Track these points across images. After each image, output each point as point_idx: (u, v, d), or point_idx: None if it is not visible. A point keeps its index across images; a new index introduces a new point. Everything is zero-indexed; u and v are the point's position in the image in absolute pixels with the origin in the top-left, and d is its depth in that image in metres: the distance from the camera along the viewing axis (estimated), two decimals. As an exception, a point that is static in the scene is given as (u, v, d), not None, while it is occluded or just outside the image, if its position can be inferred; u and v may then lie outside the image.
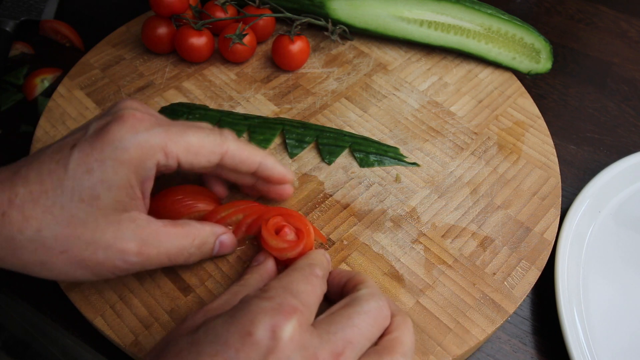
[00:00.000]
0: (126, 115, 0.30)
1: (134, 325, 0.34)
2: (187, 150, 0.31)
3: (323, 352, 0.25)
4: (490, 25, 0.50)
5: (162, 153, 0.30)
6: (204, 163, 0.32)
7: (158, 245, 0.31)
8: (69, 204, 0.28)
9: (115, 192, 0.29)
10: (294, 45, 0.49)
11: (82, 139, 0.29)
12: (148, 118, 0.30)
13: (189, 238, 0.32)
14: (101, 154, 0.28)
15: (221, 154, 0.32)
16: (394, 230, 0.39)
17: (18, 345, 0.37)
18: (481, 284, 0.37)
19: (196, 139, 0.31)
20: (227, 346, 0.24)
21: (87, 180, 0.28)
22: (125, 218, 0.30)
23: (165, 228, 0.31)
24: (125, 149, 0.29)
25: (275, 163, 0.35)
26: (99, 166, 0.28)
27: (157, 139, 0.29)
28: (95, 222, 0.29)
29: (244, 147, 0.33)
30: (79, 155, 0.28)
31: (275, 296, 0.26)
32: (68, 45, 0.58)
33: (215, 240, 0.34)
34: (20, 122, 0.50)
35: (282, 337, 0.24)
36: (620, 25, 0.66)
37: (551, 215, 0.41)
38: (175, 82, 0.49)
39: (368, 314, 0.27)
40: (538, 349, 0.39)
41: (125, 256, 0.30)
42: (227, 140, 0.32)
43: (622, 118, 0.56)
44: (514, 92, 0.51)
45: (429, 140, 0.46)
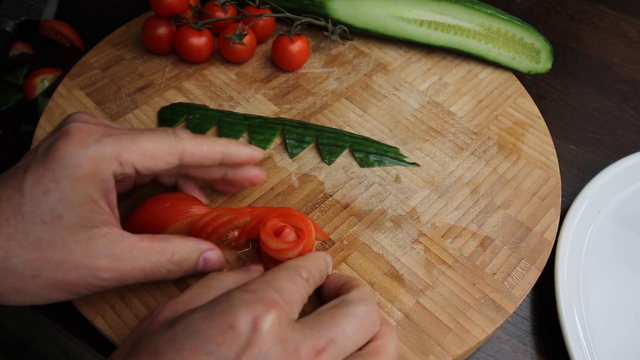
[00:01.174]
0: (72, 129, 0.29)
1: (134, 325, 0.34)
2: (141, 155, 0.30)
3: (304, 347, 0.24)
4: (490, 25, 0.50)
5: (116, 163, 0.29)
6: (163, 166, 0.31)
7: (131, 261, 0.30)
8: (32, 227, 0.28)
9: (78, 209, 0.28)
10: (294, 45, 0.49)
11: (32, 162, 0.29)
12: (96, 129, 0.30)
13: (166, 254, 0.31)
14: (54, 173, 0.28)
15: (179, 154, 0.31)
16: (394, 230, 0.39)
17: (18, 345, 0.37)
18: (481, 284, 0.37)
19: (150, 143, 0.30)
20: (208, 340, 0.23)
21: (45, 201, 0.28)
22: (95, 234, 0.29)
23: (141, 243, 0.30)
24: (77, 165, 0.28)
25: (239, 146, 0.34)
26: (55, 186, 0.28)
27: (108, 149, 0.29)
28: (63, 242, 0.28)
29: (201, 142, 0.32)
30: (32, 178, 0.28)
31: (257, 289, 0.26)
32: (68, 45, 0.58)
33: (199, 256, 0.33)
34: (20, 122, 0.50)
35: (262, 328, 0.24)
36: (620, 25, 0.66)
37: (551, 215, 0.41)
38: (175, 82, 0.49)
39: (355, 316, 0.27)
40: (538, 349, 0.39)
41: (97, 273, 0.29)
42: (182, 139, 0.32)
43: (622, 118, 0.56)
44: (514, 92, 0.51)
45: (429, 140, 0.46)
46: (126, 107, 0.47)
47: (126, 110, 0.46)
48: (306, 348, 0.24)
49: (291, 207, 0.40)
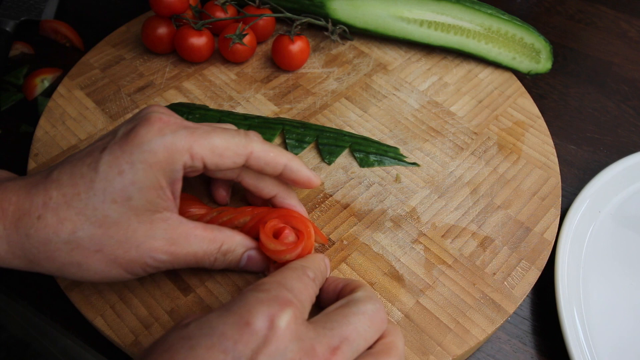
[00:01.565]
0: (153, 118, 0.30)
1: (134, 325, 0.34)
2: (212, 151, 0.31)
3: (320, 345, 0.25)
4: (490, 25, 0.50)
5: (188, 155, 0.30)
6: (229, 164, 0.32)
7: (186, 246, 0.31)
8: (102, 205, 0.29)
9: (147, 193, 0.29)
10: (294, 45, 0.49)
11: (111, 142, 0.30)
12: (174, 121, 0.31)
13: (216, 243, 0.32)
14: (131, 156, 0.29)
15: (246, 156, 0.32)
16: (394, 230, 0.39)
17: (18, 345, 0.37)
18: (481, 284, 0.37)
19: (221, 141, 0.31)
20: (224, 337, 0.23)
21: (118, 181, 0.29)
22: (158, 218, 0.30)
23: (195, 230, 0.32)
24: (153, 151, 0.29)
25: (301, 166, 0.35)
26: (130, 168, 0.29)
27: (183, 141, 0.30)
28: (128, 221, 0.29)
29: (269, 149, 0.33)
30: (109, 158, 0.29)
31: (271, 289, 0.26)
32: (68, 45, 0.58)
33: (244, 252, 0.34)
34: (20, 122, 0.50)
35: (279, 326, 0.24)
36: (620, 25, 0.66)
37: (551, 215, 0.41)
38: (175, 82, 0.49)
39: (365, 314, 0.27)
40: (538, 349, 0.39)
41: (155, 254, 0.30)
42: (252, 141, 0.32)
43: (622, 118, 0.56)
44: (514, 92, 0.51)
45: (429, 140, 0.46)
46: (126, 107, 0.47)
47: (126, 110, 0.46)
48: (322, 346, 0.25)
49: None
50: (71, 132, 0.44)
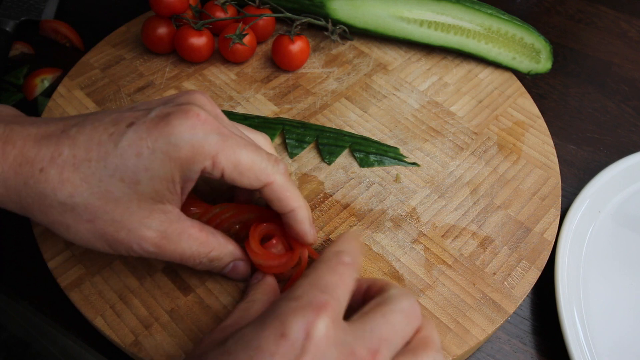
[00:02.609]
0: (191, 111, 0.29)
1: (134, 325, 0.34)
2: (235, 167, 0.30)
3: (360, 349, 0.24)
4: (490, 25, 0.50)
5: (211, 161, 0.29)
6: (246, 184, 0.31)
7: (177, 243, 0.31)
8: (108, 179, 0.28)
9: (157, 183, 0.29)
10: (294, 45, 0.49)
11: (140, 120, 0.29)
12: (211, 121, 0.30)
13: (207, 247, 0.32)
14: (155, 142, 0.28)
15: (265, 184, 0.31)
16: (394, 230, 0.39)
17: (18, 345, 0.37)
18: (481, 284, 0.37)
19: (248, 160, 0.30)
20: (261, 351, 0.23)
21: (133, 163, 0.28)
22: (158, 208, 0.30)
23: (191, 229, 0.31)
24: (178, 146, 0.28)
25: (305, 219, 0.33)
26: (149, 154, 0.28)
27: (211, 146, 0.29)
28: (128, 203, 0.29)
29: (287, 188, 0.32)
30: (132, 137, 0.28)
31: (303, 294, 0.25)
32: (68, 45, 0.58)
33: (230, 261, 0.33)
34: (20, 122, 0.50)
35: (316, 334, 0.23)
36: (620, 25, 0.66)
37: (551, 215, 0.41)
38: (175, 82, 0.49)
39: (402, 312, 0.27)
40: (538, 349, 0.39)
41: (144, 243, 0.30)
42: (277, 173, 0.31)
43: (622, 118, 0.56)
44: (514, 92, 0.51)
45: (429, 140, 0.46)
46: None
47: (126, 110, 0.46)
48: (362, 349, 0.24)
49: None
50: (71, 132, 0.44)
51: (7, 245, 0.41)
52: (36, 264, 0.39)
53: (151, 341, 0.33)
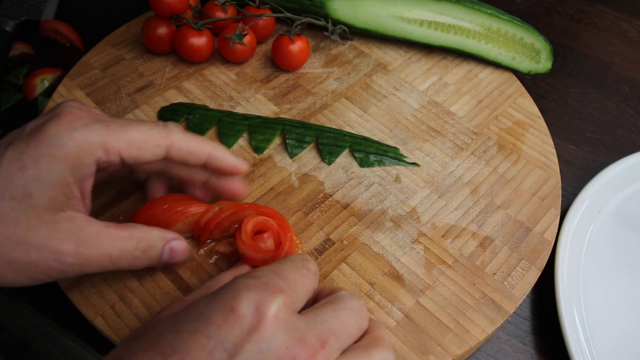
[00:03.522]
0: (63, 112, 0.29)
1: (134, 325, 0.34)
2: (129, 144, 0.30)
3: (310, 337, 0.24)
4: (490, 25, 0.50)
5: (102, 149, 0.29)
6: (149, 157, 0.31)
7: (98, 246, 0.29)
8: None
9: (50, 190, 0.28)
10: (294, 45, 0.49)
11: (17, 138, 0.29)
12: (86, 115, 0.30)
13: (132, 241, 0.31)
14: (35, 151, 0.27)
15: (166, 147, 0.31)
16: (394, 230, 0.39)
17: (18, 345, 0.37)
18: (481, 284, 0.37)
19: (138, 133, 0.30)
20: (209, 322, 0.23)
21: (19, 177, 0.27)
22: (62, 217, 0.28)
23: (107, 229, 0.30)
24: (61, 145, 0.28)
25: (226, 152, 0.34)
26: (33, 163, 0.27)
27: (96, 135, 0.29)
28: (28, 220, 0.27)
29: (190, 139, 0.32)
30: (12, 154, 0.28)
31: (262, 276, 0.25)
32: (68, 45, 0.58)
33: (164, 245, 0.32)
34: (20, 122, 0.50)
35: (266, 313, 0.23)
36: (620, 25, 0.66)
37: (551, 215, 0.41)
38: (175, 82, 0.49)
39: (352, 310, 0.27)
40: (538, 349, 0.39)
41: (61, 257, 0.28)
42: (171, 132, 0.32)
43: (622, 118, 0.56)
44: (514, 92, 0.51)
45: (429, 140, 0.46)
46: (126, 107, 0.47)
47: (126, 110, 0.46)
48: (312, 338, 0.24)
49: (291, 207, 0.40)
50: (71, 132, 0.44)
51: (7, 245, 0.41)
52: (36, 264, 0.39)
53: (151, 341, 0.33)
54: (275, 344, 0.23)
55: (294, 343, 0.23)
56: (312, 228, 0.39)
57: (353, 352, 0.26)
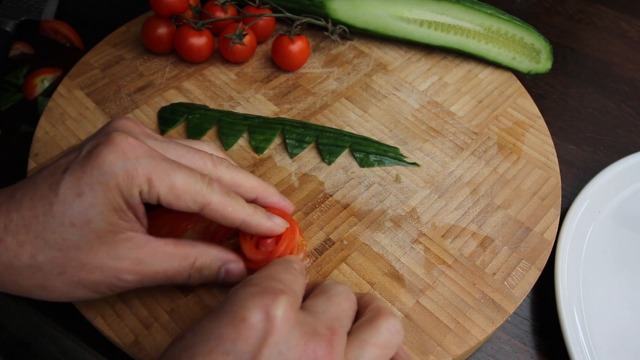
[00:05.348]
0: (118, 139, 0.29)
1: (134, 325, 0.34)
2: (169, 190, 0.30)
3: (320, 327, 0.25)
4: (490, 25, 0.50)
5: (147, 185, 0.29)
6: (183, 207, 0.31)
7: (155, 265, 0.30)
8: (60, 228, 0.28)
9: (107, 215, 0.29)
10: (294, 45, 0.49)
11: (74, 162, 0.29)
12: (140, 145, 0.30)
13: (188, 260, 0.31)
14: (91, 177, 0.28)
15: (202, 205, 0.31)
16: (394, 230, 0.39)
17: (18, 345, 0.37)
18: (481, 284, 0.37)
19: (182, 182, 0.30)
20: (222, 339, 0.23)
21: (77, 204, 0.28)
22: (121, 238, 0.29)
23: (165, 247, 0.31)
24: (113, 173, 0.28)
25: (261, 220, 0.32)
26: (89, 190, 0.28)
27: (144, 168, 0.29)
28: (89, 244, 0.29)
29: (228, 202, 0.31)
30: (70, 179, 0.28)
31: (260, 282, 0.26)
32: (68, 45, 0.58)
33: (221, 266, 0.33)
34: (20, 122, 0.50)
35: (276, 316, 0.24)
36: (620, 25, 0.66)
37: (551, 215, 0.41)
38: (175, 82, 0.49)
39: (342, 294, 0.28)
40: (538, 349, 0.39)
41: (120, 275, 0.30)
42: (212, 192, 0.31)
43: (622, 118, 0.56)
44: (514, 92, 0.51)
45: (429, 140, 0.46)
46: (126, 107, 0.47)
47: (126, 110, 0.46)
48: (322, 328, 0.25)
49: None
50: (71, 132, 0.44)
51: (7, 245, 0.41)
52: (36, 264, 0.39)
53: (151, 341, 0.33)
54: (293, 343, 0.23)
55: (309, 338, 0.24)
56: (312, 228, 0.39)
57: (359, 329, 0.27)
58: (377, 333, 0.26)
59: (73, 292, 0.30)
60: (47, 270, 0.28)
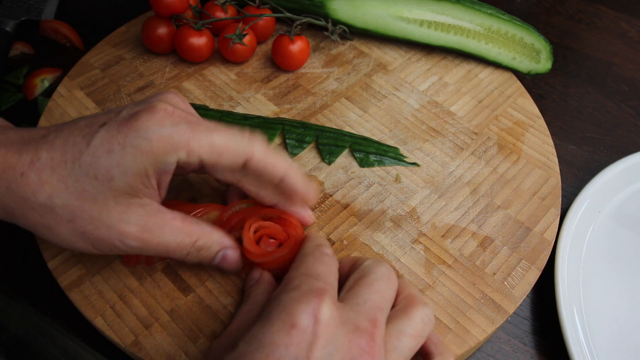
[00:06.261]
0: (158, 107, 0.30)
1: (134, 325, 0.34)
2: (210, 149, 0.30)
3: (362, 321, 0.26)
4: (490, 25, 0.50)
5: (185, 150, 0.30)
6: (228, 164, 0.31)
7: (160, 235, 0.31)
8: (83, 178, 0.29)
9: (130, 177, 0.29)
10: (294, 45, 0.49)
11: (112, 120, 0.30)
12: (178, 113, 0.30)
13: (192, 237, 0.32)
14: (125, 138, 0.29)
15: (246, 156, 0.31)
16: (394, 230, 0.39)
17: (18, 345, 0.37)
18: (481, 284, 0.37)
19: (222, 139, 0.31)
20: (275, 345, 0.24)
21: (105, 160, 0.29)
22: (135, 202, 0.30)
23: (173, 221, 0.31)
24: (148, 139, 0.29)
25: (300, 178, 0.34)
26: (120, 150, 0.29)
27: (182, 135, 0.30)
28: (105, 200, 0.29)
29: (271, 154, 0.32)
30: (104, 135, 0.29)
31: (301, 284, 0.27)
32: (68, 45, 0.58)
33: (219, 250, 0.33)
34: (20, 122, 0.50)
35: (323, 318, 0.25)
36: (620, 25, 0.66)
37: (551, 215, 0.41)
38: (175, 82, 0.49)
39: (383, 278, 0.28)
40: (538, 349, 0.39)
41: (125, 239, 0.30)
42: (254, 143, 0.32)
43: (622, 118, 0.56)
44: (514, 92, 0.51)
45: (429, 140, 0.46)
46: (126, 107, 0.47)
47: (126, 110, 0.46)
48: (364, 322, 0.26)
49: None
50: (71, 132, 0.44)
51: (7, 245, 0.41)
52: (36, 264, 0.39)
53: (151, 341, 0.33)
54: (339, 342, 0.25)
55: (353, 335, 0.25)
56: (312, 228, 0.39)
57: (395, 319, 0.27)
58: (412, 323, 0.27)
59: (75, 242, 0.30)
60: (59, 214, 0.29)
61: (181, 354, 0.33)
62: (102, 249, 0.31)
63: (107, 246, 0.30)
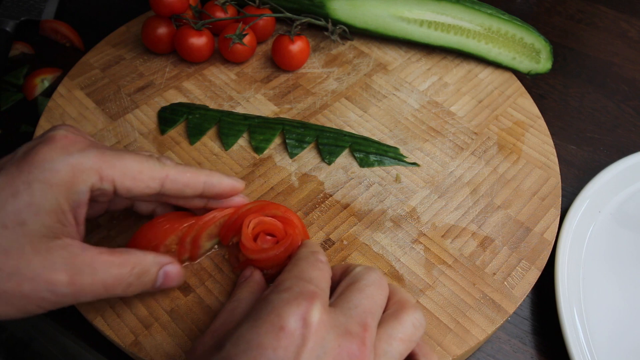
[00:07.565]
0: (57, 136, 0.28)
1: (134, 325, 0.34)
2: (124, 174, 0.29)
3: (352, 326, 0.25)
4: (490, 25, 0.50)
5: (97, 176, 0.28)
6: (143, 189, 0.30)
7: (92, 274, 0.28)
8: None
9: (44, 217, 0.26)
10: (294, 45, 0.49)
11: (8, 163, 0.28)
12: (82, 140, 0.29)
13: (127, 266, 0.29)
14: (28, 175, 0.26)
15: (161, 179, 0.30)
16: (394, 230, 0.39)
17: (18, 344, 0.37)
18: (481, 284, 0.37)
19: (134, 163, 0.29)
20: (263, 348, 0.23)
21: (11, 204, 0.26)
22: (56, 245, 0.27)
23: (102, 256, 0.28)
24: (55, 170, 0.27)
25: (221, 177, 0.33)
26: (26, 189, 0.26)
27: (91, 160, 0.28)
28: (20, 250, 0.26)
29: (184, 170, 0.32)
30: (4, 179, 0.26)
31: (292, 286, 0.26)
32: (68, 45, 0.58)
33: (158, 270, 0.31)
34: (20, 122, 0.50)
35: (313, 321, 0.24)
36: (620, 25, 0.66)
37: (551, 215, 0.41)
38: (175, 82, 0.49)
39: (374, 284, 0.28)
40: (538, 349, 0.39)
41: (55, 287, 0.27)
42: (166, 165, 0.31)
43: (622, 118, 0.56)
44: (514, 92, 0.51)
45: (429, 140, 0.46)
46: (126, 107, 0.47)
47: (126, 110, 0.46)
48: (354, 326, 0.25)
49: (291, 207, 0.40)
50: (71, 132, 0.44)
51: (7, 245, 0.41)
52: (36, 264, 0.39)
53: (151, 341, 0.33)
54: (329, 346, 0.24)
55: (343, 339, 0.25)
56: (312, 228, 0.39)
57: (386, 323, 0.27)
58: (402, 327, 0.27)
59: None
60: None
61: (181, 354, 0.33)
62: (28, 308, 0.27)
63: (35, 302, 0.27)
